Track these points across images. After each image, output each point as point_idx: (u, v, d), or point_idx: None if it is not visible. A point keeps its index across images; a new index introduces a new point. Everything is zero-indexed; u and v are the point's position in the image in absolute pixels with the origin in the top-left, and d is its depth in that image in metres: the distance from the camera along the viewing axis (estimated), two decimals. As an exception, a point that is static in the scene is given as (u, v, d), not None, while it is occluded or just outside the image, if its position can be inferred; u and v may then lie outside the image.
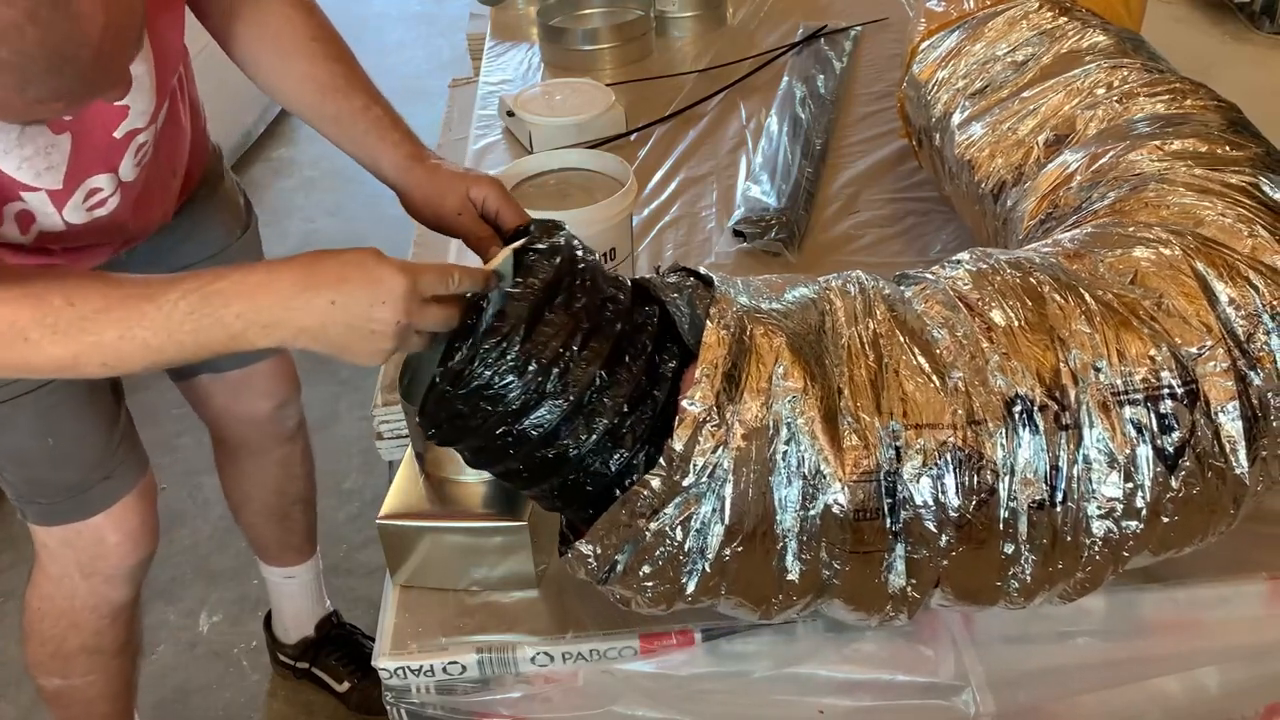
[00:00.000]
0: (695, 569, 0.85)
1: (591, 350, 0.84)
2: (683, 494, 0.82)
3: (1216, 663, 1.04)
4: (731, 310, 0.87)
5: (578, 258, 0.89)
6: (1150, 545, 0.88)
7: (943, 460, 0.82)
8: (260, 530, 1.68)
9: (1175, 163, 1.04)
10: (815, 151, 1.77)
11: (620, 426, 0.85)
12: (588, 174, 1.37)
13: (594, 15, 2.31)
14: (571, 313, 0.85)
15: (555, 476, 0.87)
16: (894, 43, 2.14)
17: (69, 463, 1.16)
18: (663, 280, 0.93)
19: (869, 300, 0.90)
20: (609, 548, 0.85)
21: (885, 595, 0.87)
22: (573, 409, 0.84)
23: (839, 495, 0.82)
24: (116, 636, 1.36)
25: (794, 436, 0.82)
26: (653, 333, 0.88)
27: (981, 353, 0.85)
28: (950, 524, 0.83)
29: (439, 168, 1.06)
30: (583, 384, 0.84)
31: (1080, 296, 0.88)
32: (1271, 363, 0.87)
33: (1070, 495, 0.83)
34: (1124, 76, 1.24)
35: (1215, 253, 0.91)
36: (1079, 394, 0.84)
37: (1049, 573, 0.87)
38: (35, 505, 1.20)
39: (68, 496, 1.17)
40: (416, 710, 1.02)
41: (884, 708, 1.00)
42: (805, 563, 0.85)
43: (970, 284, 0.91)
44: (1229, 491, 0.87)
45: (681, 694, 1.00)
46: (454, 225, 1.03)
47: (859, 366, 0.85)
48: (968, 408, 0.83)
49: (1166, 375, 0.84)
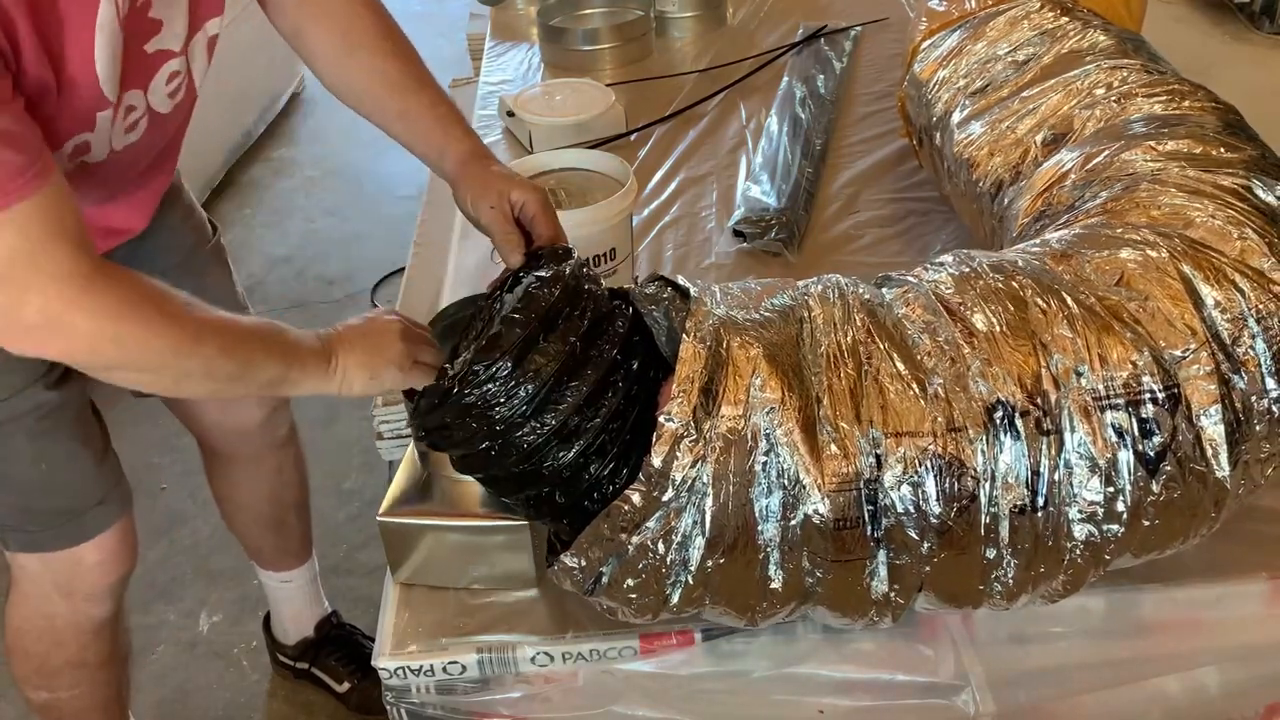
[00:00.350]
0: (679, 581, 0.86)
1: (582, 379, 0.86)
2: (662, 509, 0.83)
3: (1216, 663, 1.04)
4: (708, 323, 0.87)
5: (581, 289, 0.91)
6: (1132, 548, 0.88)
7: (923, 468, 0.83)
8: (255, 537, 1.68)
9: (1169, 163, 1.04)
10: (815, 151, 1.77)
11: (595, 445, 0.86)
12: (588, 174, 1.37)
13: (594, 15, 2.31)
14: (566, 343, 0.87)
15: (532, 488, 0.89)
16: (894, 43, 2.14)
17: (63, 489, 1.15)
18: (641, 291, 0.94)
19: (848, 306, 0.90)
20: (594, 560, 0.86)
21: (869, 601, 0.87)
22: (553, 433, 0.86)
23: (819, 505, 0.82)
24: (100, 650, 1.35)
25: (773, 447, 0.83)
26: (641, 360, 0.90)
27: (963, 358, 0.85)
28: (932, 530, 0.83)
29: (492, 165, 1.09)
30: (566, 411, 0.86)
31: (1063, 300, 0.88)
32: (1256, 366, 0.87)
33: (1051, 500, 0.84)
34: (1123, 77, 1.24)
35: (1202, 255, 0.91)
36: (1060, 399, 0.84)
37: (1031, 576, 0.87)
38: (23, 533, 1.18)
39: (61, 523, 1.16)
40: (416, 710, 1.02)
41: (884, 707, 0.99)
42: (788, 571, 0.85)
43: (952, 288, 0.91)
44: (1210, 495, 0.87)
45: (681, 694, 1.00)
46: (487, 220, 1.06)
47: (838, 375, 0.85)
48: (948, 415, 0.83)
49: (1148, 380, 0.84)
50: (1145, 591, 1.01)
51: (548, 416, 0.85)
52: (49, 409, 1.13)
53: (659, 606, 0.88)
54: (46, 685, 1.36)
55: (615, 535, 0.84)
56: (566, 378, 0.86)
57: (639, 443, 0.85)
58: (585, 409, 0.86)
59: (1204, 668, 1.03)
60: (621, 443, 0.87)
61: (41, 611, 1.27)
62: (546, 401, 0.85)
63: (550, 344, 0.86)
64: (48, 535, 1.14)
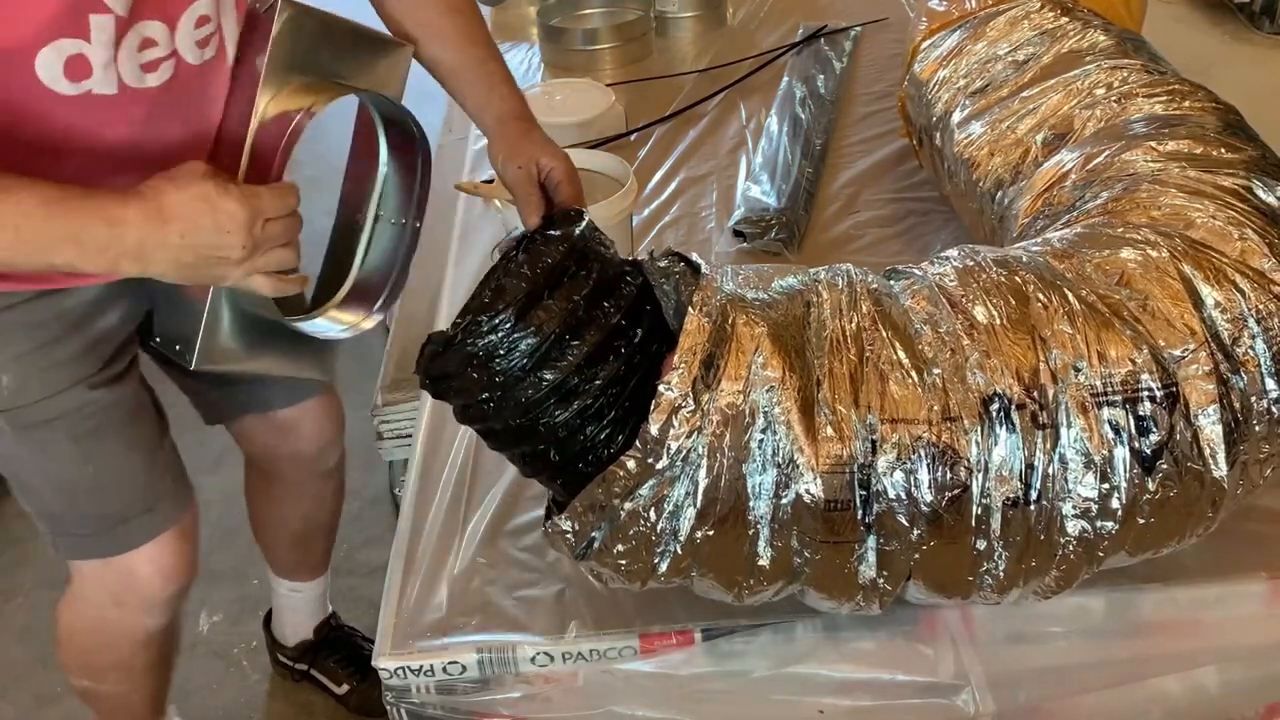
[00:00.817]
0: (668, 550, 0.86)
1: (583, 339, 0.86)
2: (656, 476, 0.84)
3: (1216, 663, 1.03)
4: (715, 298, 0.87)
5: (589, 249, 0.92)
6: (1126, 546, 0.88)
7: (916, 455, 0.83)
8: (279, 549, 1.67)
9: (1169, 163, 1.04)
10: (815, 151, 1.77)
11: (593, 408, 0.87)
12: (588, 174, 1.37)
13: (594, 15, 2.31)
14: (569, 301, 0.87)
15: (528, 444, 0.90)
16: (894, 43, 2.14)
17: (109, 492, 1.10)
18: (653, 264, 0.94)
19: (855, 294, 0.91)
20: (586, 525, 0.87)
21: (856, 585, 0.88)
22: (551, 389, 0.86)
23: (811, 485, 0.83)
24: (149, 657, 1.33)
25: (770, 425, 0.83)
26: (648, 329, 0.90)
27: (962, 349, 0.86)
28: (922, 518, 0.84)
29: (530, 129, 1.11)
30: (566, 370, 0.86)
31: (1064, 296, 0.88)
32: (1255, 367, 0.87)
33: (1045, 494, 0.84)
34: (1124, 77, 1.24)
35: (1203, 255, 0.91)
36: (1058, 393, 0.84)
37: (1022, 569, 0.87)
38: (69, 538, 1.15)
39: (106, 528, 1.12)
40: (416, 710, 1.02)
41: (884, 707, 0.99)
42: (776, 550, 0.86)
43: (956, 281, 0.92)
44: (1207, 495, 0.87)
45: (681, 694, 1.00)
46: (512, 179, 1.07)
47: (840, 359, 0.86)
48: (944, 404, 0.84)
49: (1146, 378, 0.84)
50: (1145, 591, 1.01)
51: (547, 372, 0.86)
52: (95, 409, 1.10)
53: (647, 574, 0.89)
54: (90, 678, 1.34)
55: (609, 500, 0.85)
56: (568, 336, 0.86)
57: (638, 411, 0.86)
58: (585, 369, 0.86)
59: (1204, 668, 1.03)
60: (621, 408, 0.88)
61: (93, 614, 1.25)
62: (547, 357, 0.86)
63: (554, 301, 0.87)
64: (91, 541, 1.11)
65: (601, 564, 0.89)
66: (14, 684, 1.81)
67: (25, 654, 1.84)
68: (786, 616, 0.99)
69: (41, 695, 1.77)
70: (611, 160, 1.37)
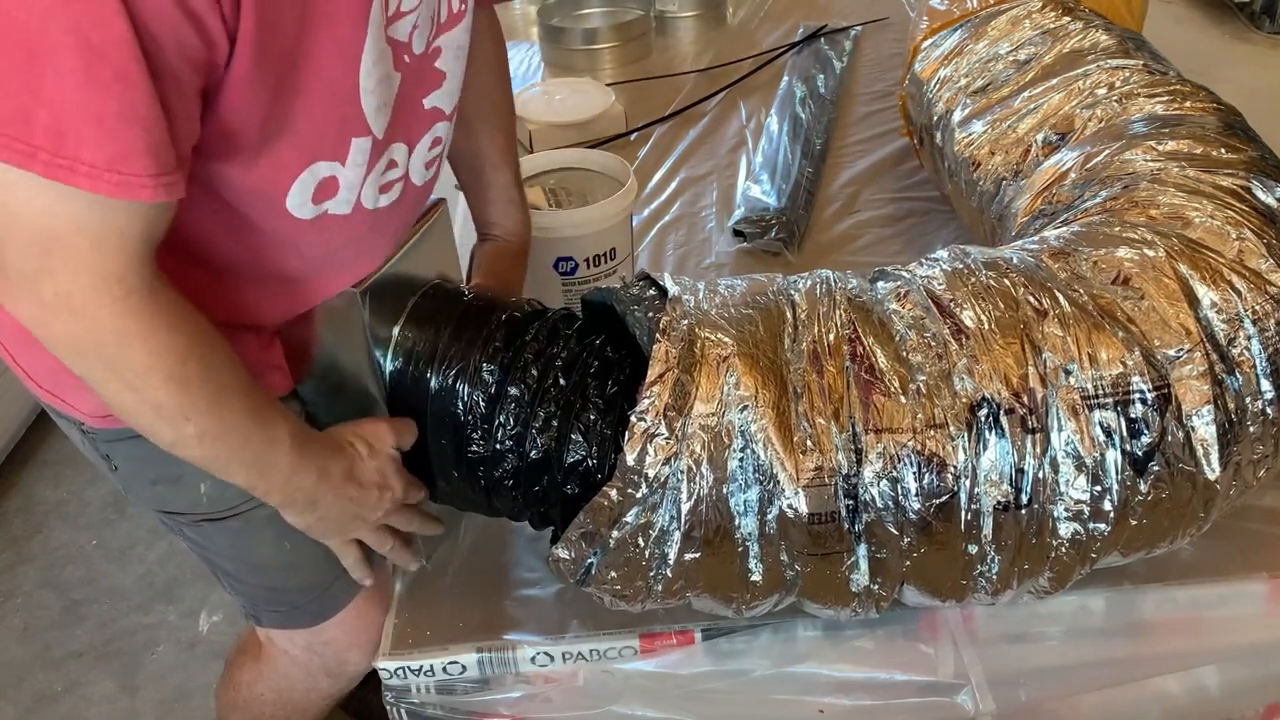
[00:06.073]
0: (659, 574, 0.86)
1: (547, 406, 0.90)
2: (639, 505, 0.84)
3: (1216, 663, 1.03)
4: (683, 323, 0.87)
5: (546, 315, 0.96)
6: (1119, 547, 0.88)
7: (902, 464, 0.83)
8: None
9: (1168, 163, 1.04)
10: (815, 151, 1.77)
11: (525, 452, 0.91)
12: (588, 174, 1.37)
13: (594, 15, 2.31)
14: (527, 376, 0.90)
15: (486, 493, 0.95)
16: (894, 42, 2.15)
17: (309, 566, 1.07)
18: (625, 292, 0.94)
19: (834, 302, 0.90)
20: (581, 553, 0.87)
21: (850, 593, 0.88)
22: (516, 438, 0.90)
23: (794, 499, 0.83)
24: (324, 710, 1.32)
25: (748, 443, 0.83)
26: (620, 379, 0.91)
27: (949, 355, 0.85)
28: (911, 526, 0.84)
29: (514, 267, 1.15)
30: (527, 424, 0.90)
31: (1055, 298, 0.88)
32: (1251, 367, 0.87)
33: (1037, 497, 0.84)
34: (1125, 77, 1.24)
35: (1200, 255, 0.91)
36: (1048, 396, 0.84)
37: (1016, 572, 0.87)
38: (274, 613, 1.12)
39: (311, 598, 1.09)
40: (416, 710, 1.03)
41: (884, 707, 0.99)
42: (767, 565, 0.86)
43: (944, 284, 0.91)
44: (1200, 496, 0.87)
45: (681, 694, 1.00)
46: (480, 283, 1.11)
47: (818, 371, 0.85)
48: (929, 411, 0.83)
49: (1137, 380, 0.84)
50: (1145, 591, 1.01)
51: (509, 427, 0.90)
52: None
53: (645, 596, 0.89)
54: None
55: (598, 529, 0.85)
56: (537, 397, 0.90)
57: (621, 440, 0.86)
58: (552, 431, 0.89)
59: (1204, 668, 1.03)
60: (614, 432, 0.88)
61: (302, 687, 1.22)
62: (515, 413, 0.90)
63: (525, 365, 0.91)
64: (297, 613, 1.12)
65: (599, 589, 0.90)
66: (14, 684, 1.81)
67: (25, 654, 1.84)
68: (786, 616, 0.99)
69: (41, 695, 1.77)
70: (611, 160, 1.37)
